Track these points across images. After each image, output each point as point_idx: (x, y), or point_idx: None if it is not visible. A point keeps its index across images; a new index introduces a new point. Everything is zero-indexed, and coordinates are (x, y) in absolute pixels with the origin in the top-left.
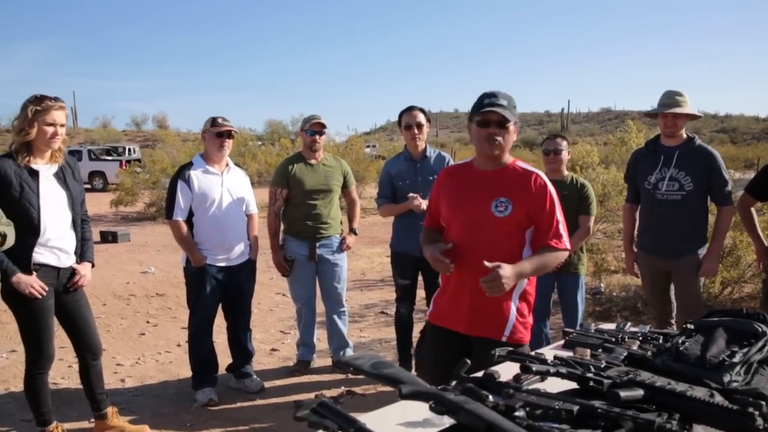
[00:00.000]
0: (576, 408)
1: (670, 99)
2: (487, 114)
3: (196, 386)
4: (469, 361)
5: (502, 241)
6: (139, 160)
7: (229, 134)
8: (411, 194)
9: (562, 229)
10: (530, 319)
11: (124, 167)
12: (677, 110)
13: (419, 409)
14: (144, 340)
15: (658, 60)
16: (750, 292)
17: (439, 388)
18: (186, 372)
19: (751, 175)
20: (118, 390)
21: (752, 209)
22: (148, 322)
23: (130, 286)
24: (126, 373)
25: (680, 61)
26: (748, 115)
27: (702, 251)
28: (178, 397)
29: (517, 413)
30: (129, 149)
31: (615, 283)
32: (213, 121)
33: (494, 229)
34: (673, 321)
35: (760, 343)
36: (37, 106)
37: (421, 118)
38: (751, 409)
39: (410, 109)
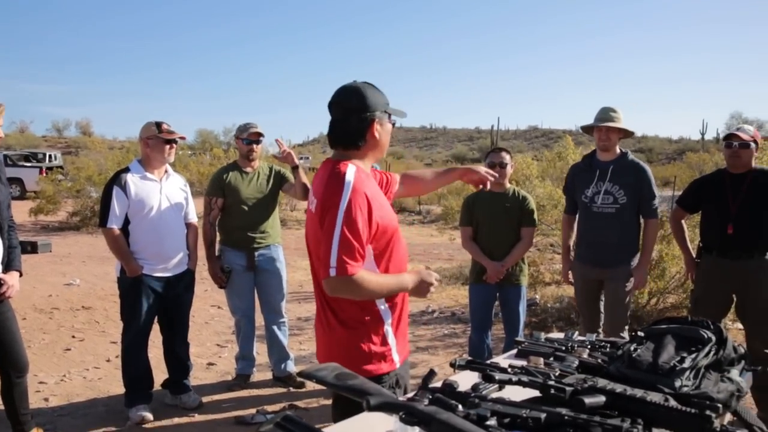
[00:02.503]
0: (543, 416)
1: (605, 114)
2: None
3: (129, 403)
4: (436, 371)
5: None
6: (61, 167)
7: (175, 141)
8: None
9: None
10: None
11: (44, 174)
12: (610, 124)
13: (383, 421)
14: (69, 355)
15: (583, 81)
16: (673, 302)
17: (407, 398)
18: (117, 389)
19: (668, 192)
20: (41, 410)
21: (683, 222)
22: (73, 336)
23: (52, 299)
24: (50, 392)
25: (603, 84)
26: (662, 137)
27: (634, 262)
28: (109, 416)
29: (489, 422)
30: (50, 155)
31: (549, 294)
32: (159, 126)
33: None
34: (600, 329)
35: (707, 349)
36: None
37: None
38: (708, 412)
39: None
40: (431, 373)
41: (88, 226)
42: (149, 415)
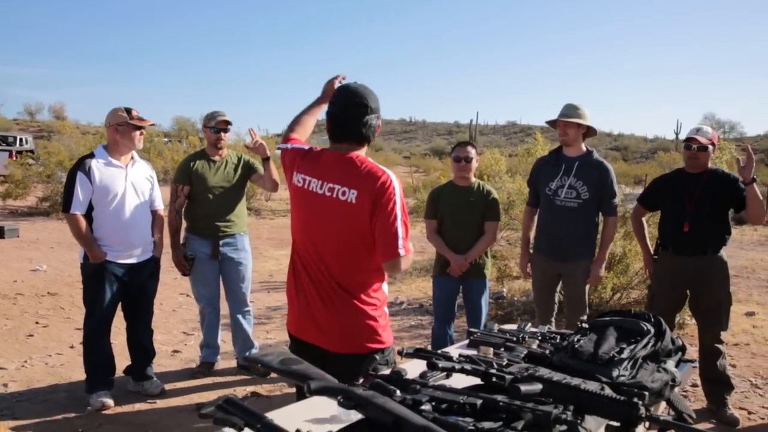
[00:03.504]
0: (479, 402)
1: (566, 110)
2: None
3: (90, 389)
4: (377, 357)
5: None
6: (32, 152)
7: (143, 127)
8: None
9: None
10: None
11: (14, 158)
12: (568, 119)
13: (327, 406)
14: (32, 341)
15: (562, 78)
16: (636, 297)
17: (347, 384)
18: (79, 375)
19: (639, 190)
20: None
21: (643, 219)
22: (37, 322)
23: (17, 284)
24: (10, 377)
25: (582, 81)
26: (638, 135)
27: (592, 257)
28: (70, 402)
29: (423, 407)
30: (20, 139)
31: (516, 288)
32: (129, 113)
33: None
34: (552, 320)
35: (645, 341)
36: None
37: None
38: (635, 399)
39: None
40: (371, 359)
41: (57, 212)
42: (110, 402)
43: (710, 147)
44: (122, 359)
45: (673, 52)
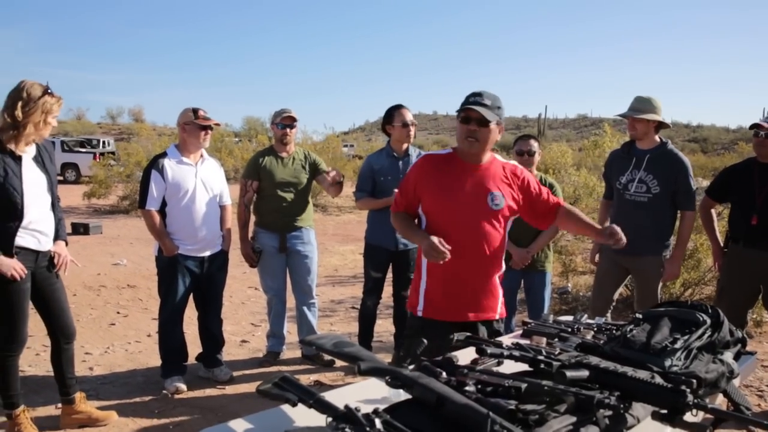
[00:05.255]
0: (524, 386)
1: (635, 104)
2: (468, 111)
3: (165, 375)
4: (426, 341)
5: (494, 231)
6: (113, 153)
7: (211, 127)
8: (397, 190)
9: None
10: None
11: (97, 159)
12: (635, 115)
13: (379, 389)
14: (114, 330)
15: (636, 69)
16: (709, 294)
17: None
18: (155, 361)
19: None
20: (86, 378)
21: (712, 211)
22: (118, 312)
23: (101, 277)
24: (95, 362)
25: (657, 71)
26: (719, 126)
27: (665, 253)
28: (147, 386)
29: (467, 388)
30: (103, 142)
31: (582, 283)
32: (195, 113)
33: (489, 221)
34: (608, 316)
35: (700, 331)
36: (52, 100)
37: (411, 116)
38: (683, 387)
39: (401, 107)
40: (420, 343)
41: (136, 210)
42: (183, 386)
43: None
44: (194, 347)
45: (760, 35)
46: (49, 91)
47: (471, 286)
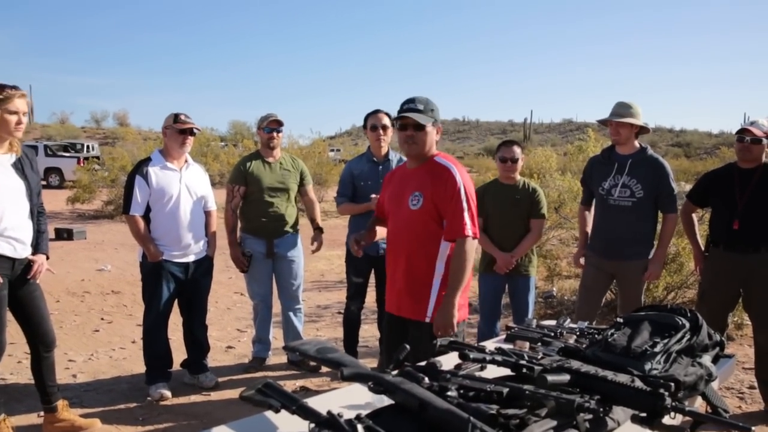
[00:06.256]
0: (506, 390)
1: (617, 109)
2: (402, 119)
3: (150, 381)
4: (408, 347)
5: (420, 232)
6: (97, 158)
7: (191, 131)
8: (373, 195)
9: (467, 217)
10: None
11: (81, 164)
12: (618, 119)
13: (363, 395)
14: (98, 336)
15: (621, 73)
16: (692, 297)
17: (379, 371)
18: (140, 368)
19: None
20: (69, 385)
21: (693, 215)
22: (102, 319)
23: (84, 283)
24: (78, 369)
25: (643, 75)
26: (701, 131)
27: (649, 257)
28: (131, 392)
29: (449, 393)
30: (87, 146)
31: (567, 287)
32: (176, 118)
33: (411, 221)
34: (594, 322)
35: (679, 335)
36: (8, 92)
37: (386, 120)
38: (662, 390)
39: (376, 112)
40: (403, 348)
41: (121, 215)
42: (168, 393)
43: (765, 140)
44: (179, 354)
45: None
46: (1, 83)
47: (399, 284)
